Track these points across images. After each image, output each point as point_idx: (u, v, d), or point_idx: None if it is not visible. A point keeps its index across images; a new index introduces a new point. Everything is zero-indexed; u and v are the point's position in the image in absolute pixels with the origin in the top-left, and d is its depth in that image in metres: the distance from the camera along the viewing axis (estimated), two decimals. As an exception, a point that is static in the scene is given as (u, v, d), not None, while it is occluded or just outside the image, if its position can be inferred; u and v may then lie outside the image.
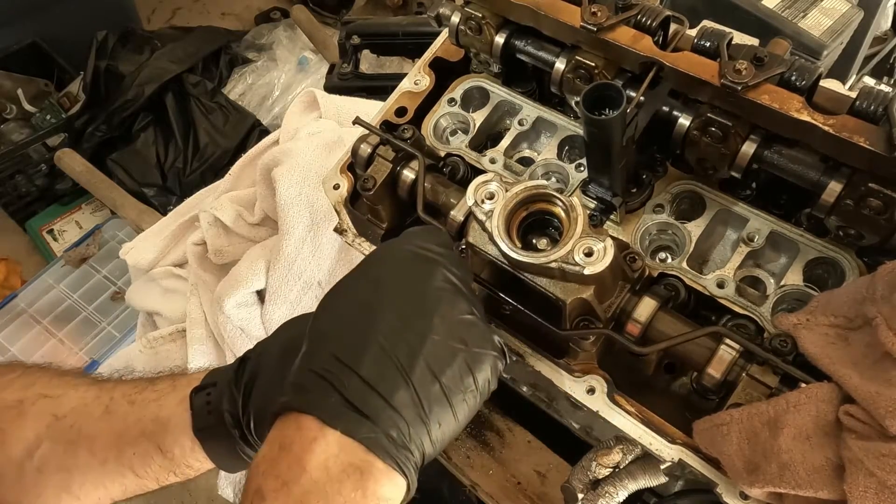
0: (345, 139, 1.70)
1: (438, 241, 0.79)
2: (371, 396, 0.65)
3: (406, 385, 0.66)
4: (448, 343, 0.69)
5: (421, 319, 0.70)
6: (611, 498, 0.93)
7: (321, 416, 0.64)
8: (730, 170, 0.88)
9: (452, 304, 0.72)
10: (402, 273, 0.74)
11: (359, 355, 0.67)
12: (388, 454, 0.64)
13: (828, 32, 1.87)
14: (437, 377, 0.67)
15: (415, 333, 0.68)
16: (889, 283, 0.71)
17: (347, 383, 0.65)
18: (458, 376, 0.69)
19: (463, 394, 0.70)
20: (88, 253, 2.96)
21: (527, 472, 1.25)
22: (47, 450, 0.85)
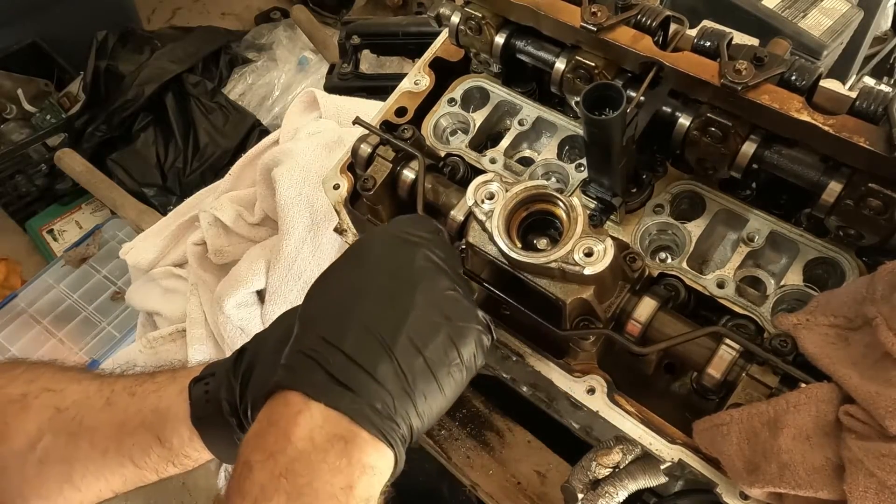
0: (345, 139, 1.70)
1: (425, 227, 0.80)
2: (354, 370, 0.66)
3: (389, 359, 0.67)
4: (431, 318, 0.71)
5: (403, 296, 0.71)
6: (611, 498, 0.93)
7: (306, 390, 0.66)
8: (730, 170, 0.88)
9: (434, 280, 0.74)
10: (385, 254, 0.76)
11: (343, 333, 0.68)
12: (371, 424, 0.65)
13: (828, 32, 1.87)
14: (420, 351, 0.69)
15: (397, 309, 0.70)
16: (889, 284, 0.71)
17: (332, 360, 0.67)
18: (442, 350, 0.70)
19: (448, 367, 0.71)
20: (88, 253, 2.96)
21: (527, 472, 1.25)
22: (49, 442, 0.85)
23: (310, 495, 0.63)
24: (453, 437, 1.29)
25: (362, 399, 0.66)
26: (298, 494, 0.63)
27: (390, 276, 0.74)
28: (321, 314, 0.73)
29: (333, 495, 0.63)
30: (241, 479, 0.65)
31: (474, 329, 0.74)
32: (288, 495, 0.62)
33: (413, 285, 0.72)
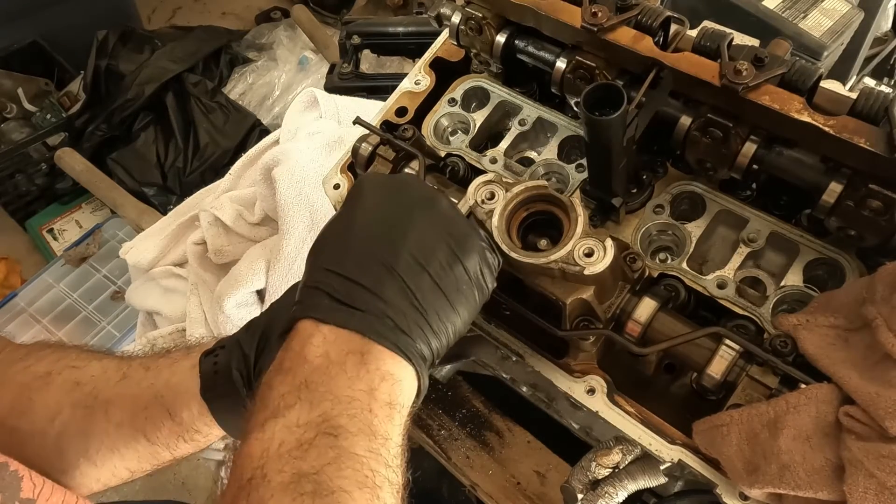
0: (345, 139, 1.70)
1: None
2: (358, 291, 0.67)
3: (392, 276, 0.67)
4: (431, 235, 0.71)
5: (401, 219, 0.71)
6: (610, 498, 0.93)
7: (315, 315, 0.67)
8: (730, 170, 0.88)
9: (432, 203, 0.74)
10: (381, 187, 0.77)
11: (343, 259, 0.69)
12: (384, 337, 0.66)
13: (828, 33, 1.87)
14: (424, 267, 0.68)
15: (396, 230, 0.70)
16: (889, 285, 0.71)
17: (335, 285, 0.67)
18: (447, 264, 0.70)
19: (456, 283, 0.70)
20: (88, 252, 2.96)
21: (526, 472, 1.25)
22: (67, 415, 0.86)
23: (331, 400, 0.63)
24: (453, 437, 1.29)
25: (371, 317, 0.66)
26: (320, 400, 0.63)
27: (388, 203, 0.74)
28: (323, 249, 0.73)
29: (355, 398, 0.63)
30: (262, 397, 0.65)
31: (476, 243, 0.73)
32: (309, 402, 0.62)
33: (410, 208, 0.73)
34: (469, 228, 0.74)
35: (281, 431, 0.61)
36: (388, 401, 0.65)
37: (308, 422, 0.61)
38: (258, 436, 0.61)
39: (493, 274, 0.75)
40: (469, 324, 0.73)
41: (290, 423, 0.61)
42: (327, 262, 0.70)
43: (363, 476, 0.60)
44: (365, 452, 0.61)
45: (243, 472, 0.59)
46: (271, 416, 0.62)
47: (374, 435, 0.63)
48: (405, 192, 0.75)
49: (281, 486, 0.58)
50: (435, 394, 1.34)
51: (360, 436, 0.62)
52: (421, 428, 1.30)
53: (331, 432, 0.61)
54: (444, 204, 0.75)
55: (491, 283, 0.75)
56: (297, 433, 0.61)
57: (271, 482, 0.58)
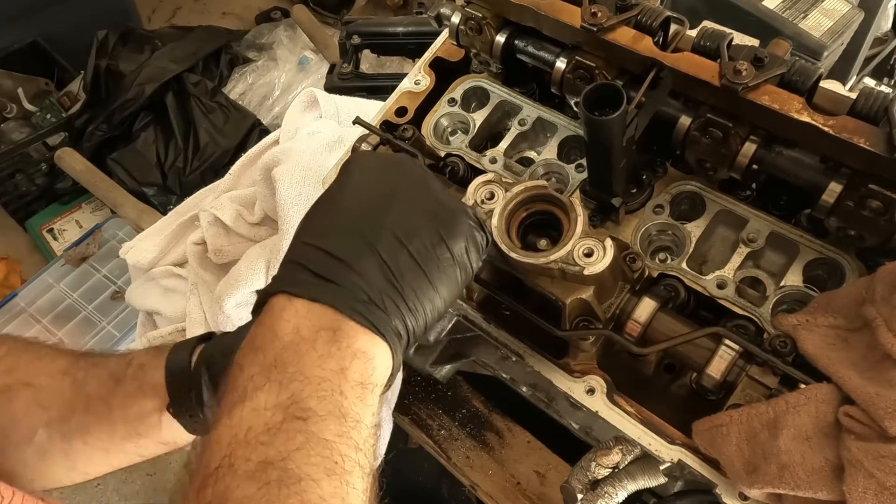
0: (345, 139, 1.70)
1: None
2: (335, 265, 0.65)
3: (370, 251, 0.66)
4: (415, 213, 0.69)
5: (387, 196, 0.70)
6: (610, 498, 0.93)
7: (289, 290, 0.66)
8: (730, 170, 0.88)
9: (422, 183, 0.73)
10: (371, 166, 0.75)
11: (323, 233, 0.68)
12: (357, 313, 0.64)
13: (828, 33, 1.87)
14: (404, 244, 0.67)
15: (380, 207, 0.69)
16: (888, 285, 0.71)
17: (313, 258, 0.66)
18: (429, 244, 0.68)
19: (437, 261, 0.69)
20: (88, 252, 2.96)
21: (526, 472, 1.25)
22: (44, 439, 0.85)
23: (300, 380, 0.61)
24: (453, 437, 1.29)
25: (346, 291, 0.65)
26: (289, 381, 0.61)
27: (376, 181, 0.73)
28: (307, 225, 0.72)
29: (325, 378, 0.62)
30: (232, 378, 0.64)
31: (464, 223, 0.72)
32: (279, 383, 0.61)
33: (397, 187, 0.71)
34: (458, 209, 0.73)
35: (249, 416, 0.60)
36: (360, 380, 0.64)
37: (276, 404, 0.60)
38: (226, 422, 0.60)
39: (479, 254, 0.73)
40: (451, 303, 0.72)
41: (259, 406, 0.60)
42: (308, 237, 0.69)
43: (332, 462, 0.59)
44: (334, 437, 0.60)
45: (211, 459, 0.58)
46: (239, 399, 0.61)
47: (344, 417, 0.61)
48: (395, 171, 0.74)
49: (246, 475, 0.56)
50: (435, 394, 1.34)
51: (330, 419, 0.60)
52: (421, 428, 1.30)
53: (300, 415, 0.60)
54: (435, 185, 0.73)
55: (476, 263, 0.73)
56: (266, 416, 0.59)
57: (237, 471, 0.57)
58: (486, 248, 0.75)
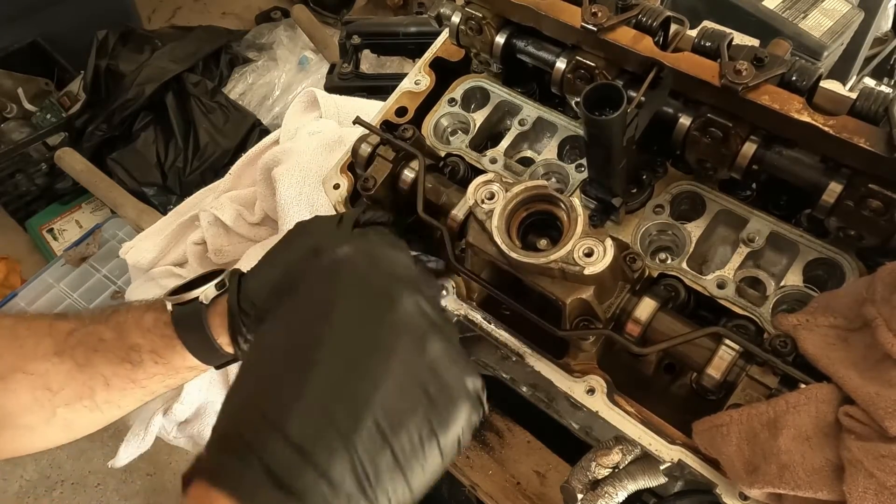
0: (345, 139, 1.70)
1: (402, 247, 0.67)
2: (300, 467, 0.51)
3: (346, 448, 0.52)
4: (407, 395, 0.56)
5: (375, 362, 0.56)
6: (610, 498, 0.93)
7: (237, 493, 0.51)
8: (730, 170, 0.88)
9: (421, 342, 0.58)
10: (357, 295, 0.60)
11: (288, 410, 0.53)
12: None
13: (828, 33, 1.87)
14: (387, 440, 0.54)
15: (364, 382, 0.55)
16: (889, 285, 0.71)
17: (273, 449, 0.52)
18: (417, 440, 0.55)
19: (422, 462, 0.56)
20: (88, 252, 2.96)
21: (526, 472, 1.25)
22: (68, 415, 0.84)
23: None
24: (453, 437, 1.29)
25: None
26: None
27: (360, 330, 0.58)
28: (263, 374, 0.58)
29: None
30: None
31: (463, 410, 0.59)
32: None
33: (389, 348, 0.57)
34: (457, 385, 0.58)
35: None
36: None
37: None
38: None
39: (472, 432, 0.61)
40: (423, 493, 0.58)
41: None
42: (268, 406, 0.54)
43: None
44: None
45: None
46: None
47: None
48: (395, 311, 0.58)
49: None
50: (435, 394, 1.34)
51: None
52: (421, 428, 1.30)
53: None
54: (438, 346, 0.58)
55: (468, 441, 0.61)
56: None
57: None
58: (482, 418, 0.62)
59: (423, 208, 0.95)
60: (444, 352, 0.59)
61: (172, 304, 0.85)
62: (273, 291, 0.76)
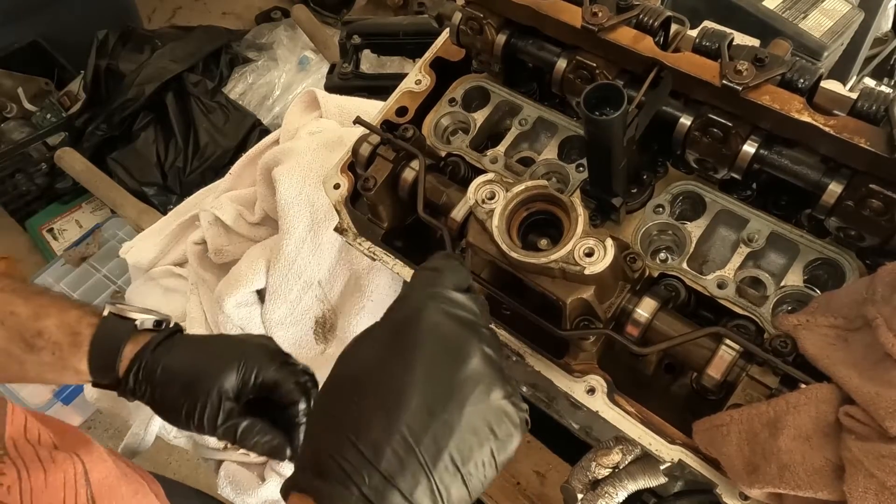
0: (345, 139, 1.70)
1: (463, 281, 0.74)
2: (390, 493, 0.63)
3: (427, 479, 0.64)
4: (476, 434, 0.66)
5: (451, 409, 0.66)
6: (610, 498, 0.93)
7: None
8: (730, 170, 0.88)
9: (488, 390, 0.68)
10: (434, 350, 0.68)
11: (380, 448, 0.64)
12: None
13: (828, 33, 1.87)
14: (459, 469, 0.65)
15: (443, 426, 0.65)
16: (889, 285, 0.71)
17: (368, 478, 0.63)
18: (481, 465, 0.67)
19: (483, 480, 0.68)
20: (88, 252, 2.96)
21: (526, 472, 1.25)
22: None
23: None
24: (453, 437, 1.29)
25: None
26: None
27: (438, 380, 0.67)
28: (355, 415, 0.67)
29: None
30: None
31: (518, 439, 0.70)
32: None
33: (464, 398, 0.66)
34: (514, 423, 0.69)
35: None
36: None
37: None
38: None
39: None
40: None
41: None
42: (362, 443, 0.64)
43: None
44: None
45: None
46: None
47: None
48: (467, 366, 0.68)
49: None
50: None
51: None
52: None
53: None
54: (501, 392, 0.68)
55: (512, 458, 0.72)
56: None
57: None
58: None
59: (424, 208, 0.95)
60: (505, 396, 0.69)
61: (110, 311, 0.95)
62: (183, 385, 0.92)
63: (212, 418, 0.91)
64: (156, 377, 0.92)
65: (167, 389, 0.92)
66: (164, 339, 0.96)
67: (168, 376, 0.92)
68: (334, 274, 1.65)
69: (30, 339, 0.92)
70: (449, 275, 0.74)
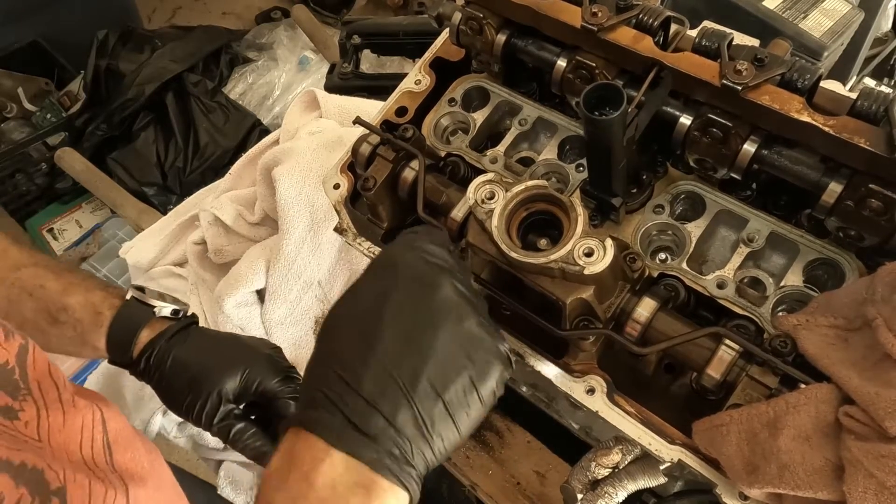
0: (345, 139, 1.70)
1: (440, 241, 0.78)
2: (373, 417, 0.67)
3: (408, 404, 0.67)
4: (453, 360, 0.70)
5: (426, 336, 0.70)
6: (610, 498, 0.93)
7: (327, 437, 0.67)
8: (730, 170, 0.88)
9: (460, 318, 0.72)
10: (407, 284, 0.73)
11: (361, 375, 0.68)
12: (391, 472, 0.66)
13: (828, 33, 1.87)
14: (440, 395, 0.68)
15: (419, 351, 0.69)
16: (889, 285, 0.71)
17: (351, 404, 0.67)
18: (462, 393, 0.70)
19: (467, 409, 0.70)
20: (88, 252, 2.96)
21: (526, 472, 1.25)
22: None
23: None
24: (453, 437, 1.29)
25: (381, 447, 0.67)
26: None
27: (412, 311, 0.72)
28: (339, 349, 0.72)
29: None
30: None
31: (497, 369, 0.73)
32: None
33: (437, 324, 0.71)
34: (493, 353, 0.73)
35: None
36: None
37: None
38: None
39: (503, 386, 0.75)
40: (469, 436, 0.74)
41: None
42: (345, 372, 0.69)
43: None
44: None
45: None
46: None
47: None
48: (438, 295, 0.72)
49: None
50: (435, 394, 1.34)
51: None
52: (421, 428, 1.30)
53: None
54: (473, 320, 0.72)
55: (501, 393, 0.75)
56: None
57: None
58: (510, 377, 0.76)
59: (423, 208, 0.95)
60: (478, 324, 0.73)
61: (132, 296, 1.00)
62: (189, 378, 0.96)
63: (209, 416, 0.95)
64: (165, 367, 0.96)
65: (173, 380, 0.96)
66: (179, 329, 1.00)
67: (176, 368, 0.96)
68: (334, 274, 1.65)
69: (55, 312, 0.97)
70: (426, 234, 0.79)
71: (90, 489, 0.70)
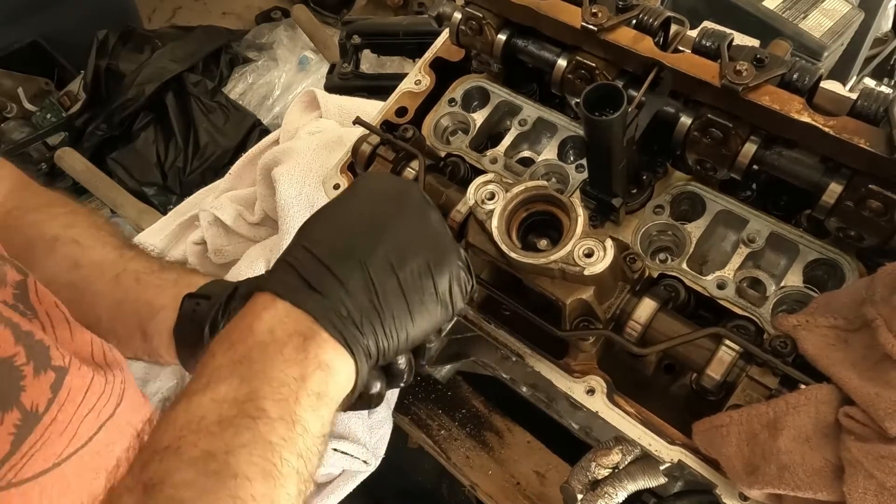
0: (345, 139, 1.70)
1: None
2: (326, 276, 0.68)
3: (361, 270, 0.68)
4: (410, 243, 0.72)
5: (387, 218, 0.73)
6: (610, 498, 0.93)
7: (277, 290, 0.68)
8: (730, 171, 0.88)
9: (423, 211, 0.75)
10: (380, 187, 0.78)
11: (321, 243, 0.71)
12: (333, 326, 0.66)
13: (828, 34, 1.87)
14: (394, 270, 0.69)
15: (378, 229, 0.71)
16: (888, 285, 0.71)
17: (306, 264, 0.69)
18: (417, 274, 0.70)
19: (421, 294, 0.71)
20: (88, 252, 2.96)
21: (526, 472, 1.25)
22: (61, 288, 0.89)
23: (262, 379, 0.64)
24: (453, 437, 1.29)
25: (329, 303, 0.67)
26: (251, 378, 0.64)
27: (381, 201, 0.75)
28: (309, 228, 0.75)
29: (285, 383, 0.64)
30: (202, 364, 0.67)
31: (454, 263, 0.73)
32: (241, 378, 0.64)
33: (400, 212, 0.73)
34: (450, 247, 0.74)
35: (207, 404, 0.63)
36: (318, 391, 0.66)
37: (234, 399, 0.63)
38: (185, 405, 0.63)
39: (462, 295, 0.75)
40: (425, 336, 0.74)
41: (217, 398, 0.63)
42: (306, 241, 0.71)
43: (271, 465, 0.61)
44: (279, 440, 0.62)
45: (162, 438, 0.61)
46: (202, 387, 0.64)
47: (293, 423, 0.64)
48: (402, 195, 0.76)
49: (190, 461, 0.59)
50: (435, 394, 1.34)
51: (280, 423, 0.63)
52: (421, 428, 1.30)
53: (252, 414, 0.62)
54: (435, 217, 0.75)
55: (459, 304, 0.75)
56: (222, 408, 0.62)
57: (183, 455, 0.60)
58: (471, 292, 0.76)
59: (423, 208, 0.95)
60: (440, 222, 0.75)
61: None
62: None
63: None
64: None
65: None
66: None
67: None
68: (334, 274, 1.64)
69: None
70: None
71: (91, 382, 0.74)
